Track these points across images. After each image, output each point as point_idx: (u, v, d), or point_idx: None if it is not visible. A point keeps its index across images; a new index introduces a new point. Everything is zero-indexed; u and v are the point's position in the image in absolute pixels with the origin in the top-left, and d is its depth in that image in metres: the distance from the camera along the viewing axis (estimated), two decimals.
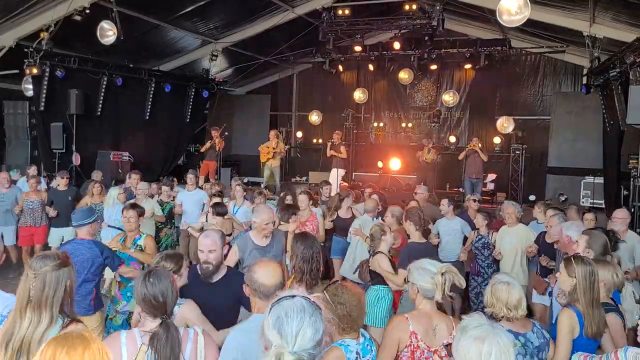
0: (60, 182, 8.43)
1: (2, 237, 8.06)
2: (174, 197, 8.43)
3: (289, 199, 7.63)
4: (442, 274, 2.95)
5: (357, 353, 2.66)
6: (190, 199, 8.24)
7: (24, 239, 8.08)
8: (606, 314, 3.09)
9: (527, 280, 5.86)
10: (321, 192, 8.44)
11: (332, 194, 8.53)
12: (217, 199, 7.23)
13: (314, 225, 6.51)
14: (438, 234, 6.80)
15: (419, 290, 3.02)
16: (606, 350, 3.08)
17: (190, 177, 8.60)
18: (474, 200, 7.48)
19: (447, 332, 2.92)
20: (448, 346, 2.85)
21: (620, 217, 5.53)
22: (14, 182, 8.93)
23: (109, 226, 7.35)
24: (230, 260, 4.35)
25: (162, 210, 8.21)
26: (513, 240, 5.97)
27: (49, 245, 8.02)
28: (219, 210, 6.24)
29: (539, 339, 2.94)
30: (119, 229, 7.32)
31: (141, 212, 5.23)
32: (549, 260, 5.23)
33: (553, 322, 3.29)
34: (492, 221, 6.48)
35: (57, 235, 8.03)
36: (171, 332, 2.33)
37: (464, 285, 3.11)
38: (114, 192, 7.73)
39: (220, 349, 2.52)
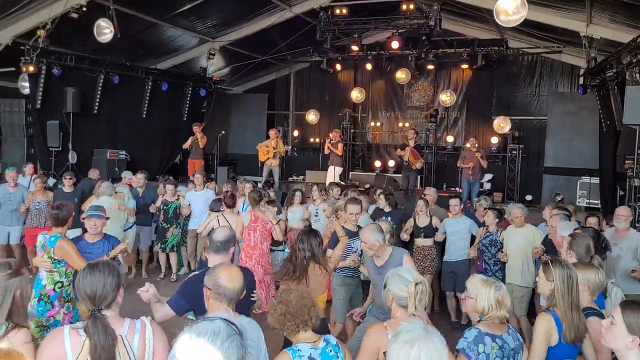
0: (66, 183, 8.41)
1: (9, 236, 8.09)
2: (179, 195, 8.42)
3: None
4: (416, 284, 2.94)
5: (312, 358, 2.62)
6: (199, 199, 8.23)
7: (29, 240, 7.99)
8: (588, 319, 3.04)
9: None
10: (330, 194, 8.44)
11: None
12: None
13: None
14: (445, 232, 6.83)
15: (393, 297, 3.01)
16: (587, 356, 3.04)
17: (197, 177, 8.59)
18: (484, 209, 7.29)
19: None
20: None
21: (623, 215, 5.43)
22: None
23: None
24: None
25: (167, 209, 8.21)
26: (520, 242, 5.93)
27: None
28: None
29: (514, 341, 2.90)
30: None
31: None
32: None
33: None
34: (501, 219, 6.49)
35: None
36: (97, 324, 2.30)
37: (425, 302, 3.06)
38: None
39: None
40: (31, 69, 10.90)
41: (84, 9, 10.12)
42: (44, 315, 4.31)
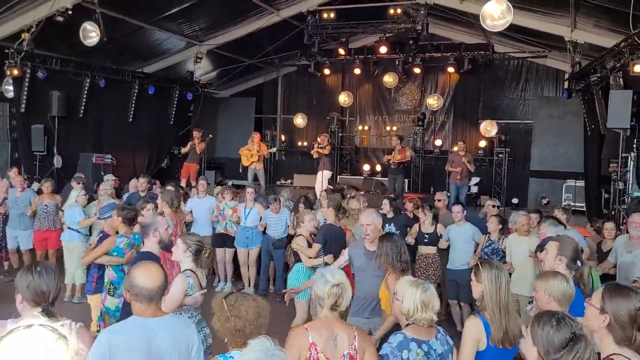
0: (75, 187, 8.25)
1: (19, 241, 8.03)
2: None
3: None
4: (333, 286, 2.84)
5: None
6: (201, 207, 8.07)
7: (38, 243, 7.94)
8: None
9: None
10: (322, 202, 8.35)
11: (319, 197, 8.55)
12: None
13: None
14: (449, 239, 6.66)
15: (315, 295, 2.92)
16: None
17: (202, 182, 8.39)
18: (493, 206, 7.29)
19: (348, 343, 2.81)
20: (349, 356, 2.79)
21: (637, 222, 5.28)
22: None
23: (68, 228, 7.26)
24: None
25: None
26: (526, 251, 5.59)
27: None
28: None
29: (442, 346, 2.85)
30: (77, 231, 7.26)
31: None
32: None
33: None
34: (504, 227, 6.37)
35: None
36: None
37: (349, 298, 2.99)
38: (75, 193, 7.60)
39: None
40: (15, 72, 10.75)
41: (70, 12, 10.01)
42: None
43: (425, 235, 6.79)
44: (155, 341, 2.53)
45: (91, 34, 10.08)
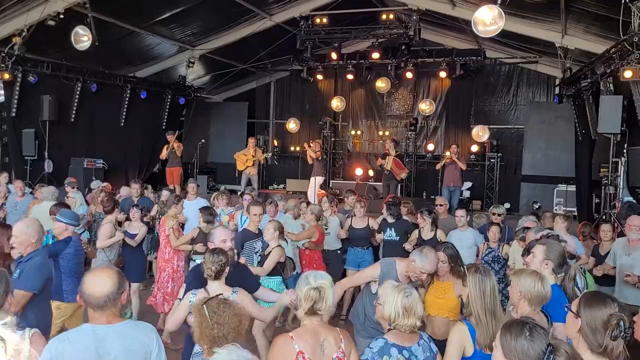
0: (70, 192, 8.26)
1: None
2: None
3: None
4: (313, 289, 2.75)
5: None
6: (191, 208, 7.89)
7: None
8: None
9: None
10: (346, 201, 8.30)
11: (313, 202, 8.53)
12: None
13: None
14: None
15: (297, 297, 2.84)
16: None
17: (191, 185, 8.41)
18: (493, 214, 7.18)
19: (336, 346, 2.76)
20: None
21: (636, 225, 5.29)
22: None
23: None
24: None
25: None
26: None
27: None
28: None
29: (424, 353, 2.81)
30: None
31: None
32: None
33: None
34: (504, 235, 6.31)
35: None
36: None
37: (330, 309, 2.86)
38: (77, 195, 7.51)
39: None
40: (6, 76, 10.70)
41: (62, 16, 9.99)
42: None
43: (425, 241, 6.59)
44: (104, 349, 2.48)
45: (83, 38, 10.02)
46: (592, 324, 2.22)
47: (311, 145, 12.30)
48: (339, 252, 7.27)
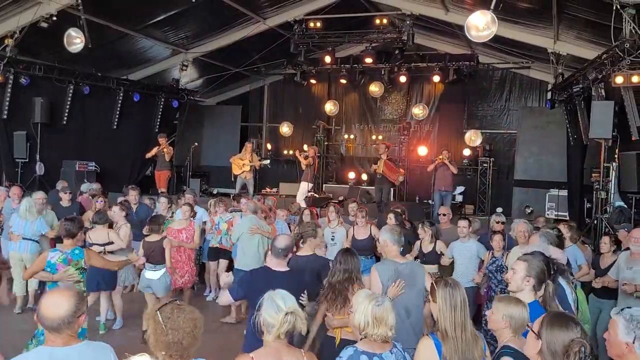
0: (64, 198, 8.23)
1: None
2: (173, 212, 8.10)
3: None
4: (287, 314, 2.68)
5: None
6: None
7: None
8: (501, 357, 2.73)
9: None
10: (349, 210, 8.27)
11: (303, 205, 8.50)
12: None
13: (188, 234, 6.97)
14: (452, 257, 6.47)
15: (262, 321, 2.74)
16: None
17: (188, 197, 8.56)
18: (497, 222, 7.09)
19: None
20: None
21: (638, 237, 5.22)
22: None
23: (24, 238, 7.06)
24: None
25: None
26: None
27: None
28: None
29: None
30: (36, 241, 7.10)
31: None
32: None
33: None
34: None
35: None
36: None
37: (305, 332, 2.84)
38: (28, 203, 7.22)
39: None
40: None
41: (54, 18, 9.94)
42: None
43: (424, 254, 6.63)
44: None
45: (75, 40, 9.97)
46: (552, 347, 2.20)
47: (305, 150, 12.27)
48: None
